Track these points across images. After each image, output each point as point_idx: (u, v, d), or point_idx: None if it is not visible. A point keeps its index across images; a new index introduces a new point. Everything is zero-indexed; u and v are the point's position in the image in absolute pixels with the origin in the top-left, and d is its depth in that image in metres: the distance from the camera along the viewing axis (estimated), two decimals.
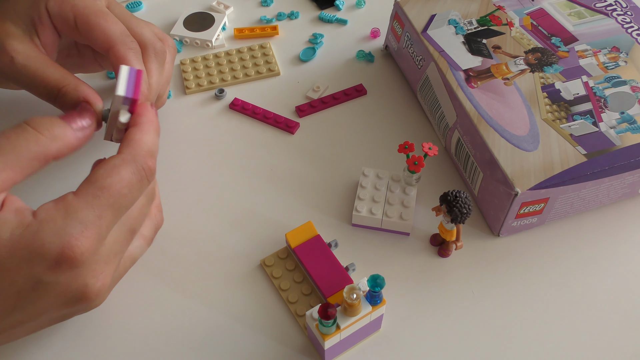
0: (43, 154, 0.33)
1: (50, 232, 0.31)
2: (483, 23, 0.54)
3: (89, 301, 0.35)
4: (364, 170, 0.48)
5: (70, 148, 0.35)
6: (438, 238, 0.46)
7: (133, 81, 0.36)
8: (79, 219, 0.32)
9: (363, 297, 0.38)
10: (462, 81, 0.49)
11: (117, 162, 0.34)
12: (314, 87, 0.58)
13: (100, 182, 0.33)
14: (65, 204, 0.32)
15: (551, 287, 0.44)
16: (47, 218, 0.32)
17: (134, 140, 0.36)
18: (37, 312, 0.34)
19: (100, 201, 0.33)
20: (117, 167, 0.34)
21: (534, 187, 0.42)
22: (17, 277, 0.31)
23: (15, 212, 0.32)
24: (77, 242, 0.31)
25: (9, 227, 0.31)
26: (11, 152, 0.32)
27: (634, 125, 0.46)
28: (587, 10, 0.55)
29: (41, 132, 0.33)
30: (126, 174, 0.34)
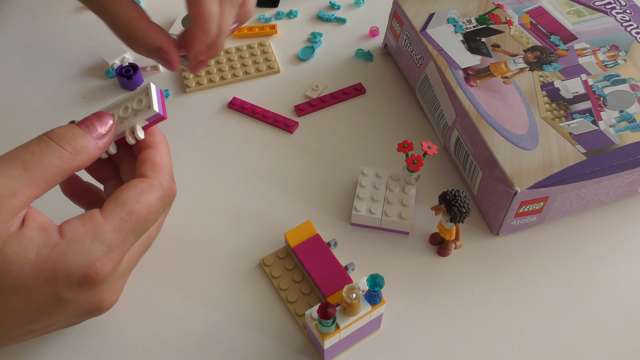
0: (66, 169, 0.33)
1: (77, 255, 0.31)
2: (482, 21, 0.54)
3: (101, 313, 0.36)
4: (363, 170, 0.48)
5: (91, 159, 0.35)
6: (437, 237, 0.46)
7: (160, 99, 0.37)
8: (106, 243, 0.32)
9: (362, 297, 0.38)
10: (461, 80, 0.49)
11: (146, 187, 0.35)
12: (313, 86, 0.57)
13: (129, 207, 0.33)
14: (93, 225, 0.32)
15: (551, 286, 0.44)
16: (75, 239, 0.32)
17: (157, 164, 0.36)
18: (52, 323, 0.35)
19: (127, 226, 0.33)
20: (146, 193, 0.34)
21: (533, 186, 0.42)
22: (39, 295, 0.32)
23: (39, 229, 0.32)
24: (101, 265, 0.32)
25: (34, 247, 0.31)
26: (37, 169, 0.32)
27: (633, 124, 0.46)
28: (586, 9, 0.55)
29: (64, 147, 0.33)
30: (154, 200, 0.35)
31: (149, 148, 0.37)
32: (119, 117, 0.37)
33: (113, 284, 0.35)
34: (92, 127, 0.35)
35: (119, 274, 0.36)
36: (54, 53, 0.62)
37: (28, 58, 0.62)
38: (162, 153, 0.37)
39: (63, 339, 0.41)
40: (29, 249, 0.31)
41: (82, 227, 0.32)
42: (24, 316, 0.33)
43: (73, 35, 0.64)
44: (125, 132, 0.37)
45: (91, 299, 0.34)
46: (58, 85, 0.59)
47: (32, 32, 0.65)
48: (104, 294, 0.35)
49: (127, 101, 0.37)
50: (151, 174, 0.36)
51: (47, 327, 0.35)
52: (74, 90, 0.58)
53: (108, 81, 0.59)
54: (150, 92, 0.36)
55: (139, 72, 0.58)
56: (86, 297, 0.34)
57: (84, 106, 0.57)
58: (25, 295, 0.31)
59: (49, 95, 0.58)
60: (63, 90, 0.58)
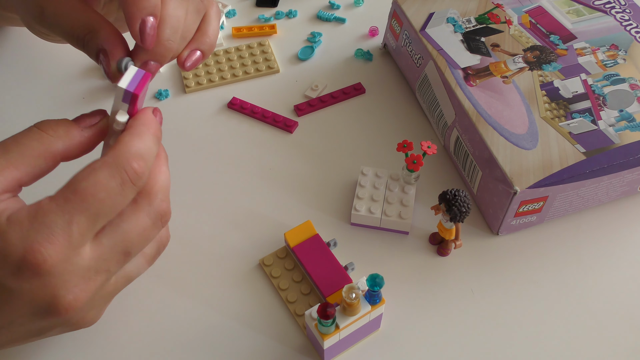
0: (47, 151, 0.32)
1: (15, 236, 0.30)
2: (481, 21, 0.54)
3: (60, 314, 0.32)
4: (362, 169, 0.48)
5: (77, 146, 0.34)
6: (437, 237, 0.46)
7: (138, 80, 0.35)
8: (46, 224, 0.30)
9: (362, 297, 0.38)
10: (461, 79, 0.49)
11: (97, 165, 0.32)
12: (312, 86, 0.57)
13: (74, 185, 0.31)
14: (37, 207, 0.30)
15: (550, 286, 0.44)
16: (16, 220, 0.30)
17: (120, 143, 0.33)
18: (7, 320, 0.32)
19: (72, 205, 0.30)
20: (95, 170, 0.31)
21: (533, 186, 0.42)
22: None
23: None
24: (41, 248, 0.29)
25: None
26: (15, 150, 0.32)
27: (632, 123, 0.46)
28: (585, 8, 0.55)
29: (44, 130, 0.33)
30: (103, 177, 0.31)
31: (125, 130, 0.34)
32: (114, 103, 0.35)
33: (69, 278, 0.31)
34: (81, 119, 0.35)
35: (77, 269, 0.31)
36: (53, 53, 0.62)
37: (28, 58, 0.62)
38: (134, 134, 0.33)
39: (61, 338, 0.41)
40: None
41: (26, 210, 0.30)
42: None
43: None
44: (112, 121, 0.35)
45: (40, 291, 0.31)
46: (58, 85, 0.59)
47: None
48: (56, 289, 0.31)
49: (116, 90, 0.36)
50: (109, 151, 0.32)
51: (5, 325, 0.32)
52: (74, 90, 0.58)
53: (108, 81, 0.59)
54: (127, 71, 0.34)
55: None
56: (33, 288, 0.30)
57: (83, 106, 0.57)
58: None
59: (49, 95, 0.58)
60: (63, 90, 0.58)
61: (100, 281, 0.33)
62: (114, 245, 0.33)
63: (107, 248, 0.33)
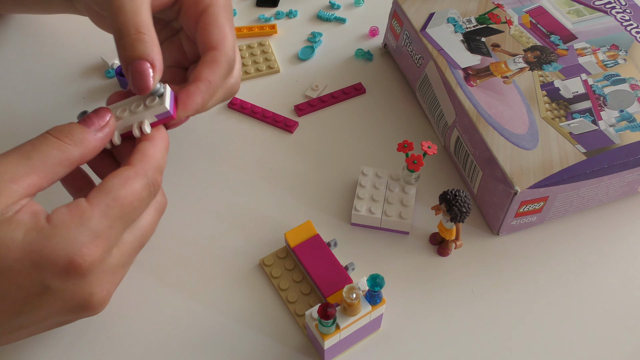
0: (67, 159, 0.34)
1: (62, 239, 0.31)
2: (482, 21, 0.54)
3: (93, 310, 0.35)
4: (363, 169, 0.48)
5: (92, 150, 0.36)
6: (437, 237, 0.46)
7: (173, 100, 0.38)
8: (91, 228, 0.32)
9: (362, 297, 0.38)
10: (461, 80, 0.49)
11: (131, 174, 0.35)
12: (312, 86, 0.57)
13: (114, 193, 0.33)
14: (79, 211, 0.32)
15: (551, 286, 0.44)
16: (61, 224, 0.32)
17: (146, 155, 0.36)
18: (41, 317, 0.34)
19: (113, 212, 0.33)
20: (131, 180, 0.34)
21: (533, 186, 0.42)
22: (25, 281, 0.32)
23: (31, 214, 0.32)
24: (88, 251, 0.32)
25: (22, 229, 0.31)
26: (36, 157, 0.33)
27: (633, 124, 0.46)
28: (586, 8, 0.55)
29: (62, 139, 0.34)
30: (138, 187, 0.34)
31: (145, 141, 0.37)
32: (130, 110, 0.38)
33: (103, 277, 0.34)
34: (90, 121, 0.36)
35: (109, 267, 0.35)
36: (53, 53, 0.62)
37: (28, 58, 0.62)
38: (155, 146, 0.37)
39: (61, 338, 0.41)
40: (17, 231, 0.31)
41: (68, 214, 0.32)
42: (10, 304, 0.32)
43: (73, 35, 0.64)
44: (133, 125, 0.38)
45: (80, 290, 0.33)
46: (58, 85, 0.59)
47: (32, 32, 0.65)
48: (93, 287, 0.34)
49: (141, 98, 0.38)
50: (138, 162, 0.36)
51: (38, 322, 0.35)
52: (74, 90, 0.58)
53: (108, 81, 0.59)
54: (165, 90, 0.37)
55: None
56: (74, 287, 0.33)
57: (83, 106, 0.57)
58: (11, 279, 0.31)
59: (49, 95, 0.58)
60: (63, 90, 0.58)
61: (122, 274, 0.37)
62: (134, 240, 0.37)
63: (129, 244, 0.36)
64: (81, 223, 0.32)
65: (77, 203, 0.33)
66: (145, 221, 0.37)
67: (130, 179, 0.34)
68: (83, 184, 0.40)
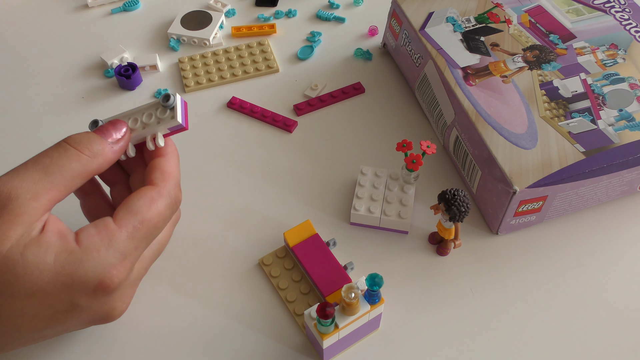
0: (85, 171, 0.35)
1: (94, 262, 0.33)
2: (481, 20, 0.54)
3: (112, 320, 0.37)
4: (362, 169, 0.48)
5: (109, 162, 0.36)
6: (436, 236, 0.46)
7: (184, 110, 0.39)
8: (120, 250, 0.34)
9: (361, 296, 0.38)
10: (460, 79, 0.49)
11: (155, 195, 0.36)
12: (312, 85, 0.57)
13: (141, 215, 0.35)
14: (108, 233, 0.34)
15: (550, 285, 0.44)
16: (91, 247, 0.33)
17: (166, 173, 0.37)
18: (64, 329, 0.35)
19: (139, 233, 0.35)
20: (156, 201, 0.36)
21: (532, 185, 0.42)
22: (55, 300, 0.32)
23: (58, 234, 0.33)
24: (117, 272, 0.33)
25: (53, 252, 0.32)
26: (56, 172, 0.33)
27: (632, 123, 0.45)
28: (585, 8, 0.55)
29: (81, 151, 0.35)
30: (163, 208, 0.36)
31: (160, 157, 0.38)
32: (142, 122, 0.38)
33: (125, 291, 0.36)
34: (108, 132, 0.37)
35: (130, 282, 0.37)
36: (53, 53, 0.62)
37: (27, 58, 0.62)
38: (172, 162, 0.38)
39: (63, 338, 0.41)
40: (48, 254, 0.32)
41: (98, 235, 0.33)
42: (39, 321, 0.33)
43: (72, 35, 0.64)
44: (146, 138, 0.38)
45: (105, 306, 0.35)
46: (57, 85, 0.59)
47: (32, 32, 0.65)
48: (116, 302, 0.36)
49: (150, 108, 0.38)
50: (160, 182, 0.37)
51: (58, 333, 0.36)
52: (73, 90, 0.58)
53: (107, 81, 0.59)
54: (175, 103, 0.38)
55: (138, 72, 0.58)
56: (100, 304, 0.34)
57: (83, 106, 0.57)
58: (42, 300, 0.32)
59: (49, 95, 0.58)
60: (62, 90, 0.58)
61: (138, 285, 0.39)
62: (152, 255, 0.39)
63: (147, 259, 0.38)
64: (110, 245, 0.33)
65: (105, 224, 0.34)
66: (162, 235, 0.39)
67: (155, 200, 0.36)
68: (92, 188, 0.41)
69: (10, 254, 0.31)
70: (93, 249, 0.33)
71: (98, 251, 0.33)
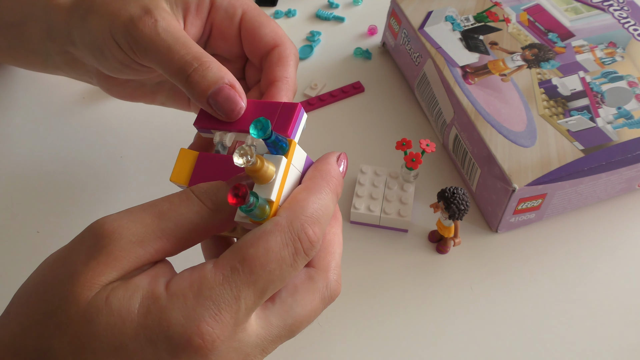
0: (203, 227, 0.28)
1: (179, 311, 0.25)
2: (480, 19, 0.54)
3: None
4: (361, 168, 0.48)
5: (231, 220, 0.29)
6: (436, 234, 0.46)
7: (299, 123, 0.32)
8: (213, 298, 0.26)
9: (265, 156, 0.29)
10: (460, 78, 0.49)
11: (268, 228, 0.27)
12: (311, 84, 0.58)
13: (242, 253, 0.27)
14: (200, 276, 0.26)
15: (549, 283, 0.44)
16: (178, 293, 0.26)
17: (295, 201, 0.29)
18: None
19: (240, 277, 0.26)
20: (266, 235, 0.27)
21: (531, 183, 0.43)
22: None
23: (150, 277, 0.27)
24: (209, 328, 0.26)
25: (139, 296, 0.26)
26: (171, 220, 0.28)
27: (631, 121, 0.46)
28: (583, 6, 0.55)
29: (205, 204, 0.29)
30: (276, 245, 0.27)
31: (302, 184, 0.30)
32: None
33: (232, 357, 0.27)
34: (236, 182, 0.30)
35: (243, 346, 0.27)
36: None
37: None
38: (311, 191, 0.29)
39: None
40: (134, 299, 0.26)
41: (188, 279, 0.26)
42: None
43: None
44: None
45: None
46: (57, 85, 0.59)
47: None
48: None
49: None
50: (282, 211, 0.28)
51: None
52: (73, 90, 0.58)
53: None
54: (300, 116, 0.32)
55: None
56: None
57: (83, 106, 0.57)
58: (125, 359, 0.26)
59: (48, 95, 0.58)
60: (62, 90, 0.58)
61: (260, 358, 0.29)
62: (283, 327, 0.29)
63: (275, 329, 0.29)
64: (200, 292, 0.26)
65: (202, 266, 0.27)
66: (303, 307, 0.30)
67: (265, 233, 0.27)
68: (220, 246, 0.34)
69: (95, 300, 0.25)
70: (180, 295, 0.26)
71: (185, 298, 0.26)
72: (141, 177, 0.51)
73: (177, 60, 0.34)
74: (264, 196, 0.28)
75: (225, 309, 0.26)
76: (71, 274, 0.26)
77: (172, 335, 0.25)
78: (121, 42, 0.36)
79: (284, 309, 0.29)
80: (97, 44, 0.38)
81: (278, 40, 0.39)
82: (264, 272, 0.26)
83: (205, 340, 0.25)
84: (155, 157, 0.53)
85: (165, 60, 0.35)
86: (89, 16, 0.38)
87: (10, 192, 0.50)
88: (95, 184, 0.51)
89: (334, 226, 0.32)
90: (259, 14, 0.40)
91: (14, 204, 0.50)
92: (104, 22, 0.37)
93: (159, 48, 0.35)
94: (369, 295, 0.44)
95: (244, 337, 0.27)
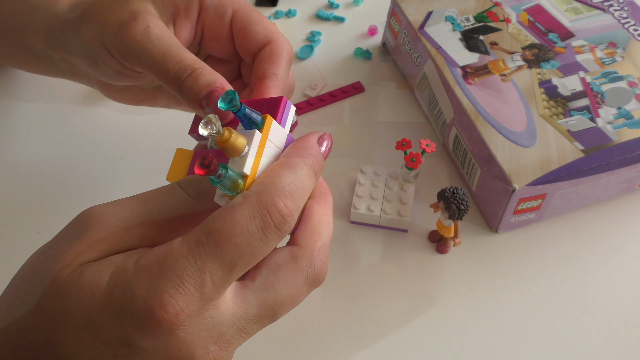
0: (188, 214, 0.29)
1: (142, 283, 0.25)
2: (480, 19, 0.54)
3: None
4: (361, 168, 0.48)
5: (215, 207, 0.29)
6: (436, 234, 0.46)
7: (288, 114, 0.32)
8: (175, 270, 0.25)
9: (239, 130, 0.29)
10: (460, 78, 0.49)
11: (236, 202, 0.26)
12: (311, 84, 0.58)
13: (209, 227, 0.26)
14: (167, 250, 0.26)
15: (549, 283, 0.44)
16: (144, 265, 0.25)
17: (267, 175, 0.28)
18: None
19: (204, 250, 0.25)
20: (233, 208, 0.26)
21: (531, 183, 0.43)
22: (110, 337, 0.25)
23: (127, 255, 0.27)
24: (172, 300, 0.25)
25: (109, 271, 0.26)
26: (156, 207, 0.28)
27: (631, 121, 0.46)
28: (583, 6, 0.55)
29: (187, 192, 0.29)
30: (242, 218, 0.26)
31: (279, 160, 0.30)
32: None
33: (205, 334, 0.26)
34: None
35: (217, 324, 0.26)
36: None
37: None
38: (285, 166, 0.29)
39: None
40: (105, 273, 0.26)
41: (155, 253, 0.26)
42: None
43: None
44: None
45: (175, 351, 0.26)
46: (57, 86, 0.59)
47: None
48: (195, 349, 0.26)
49: None
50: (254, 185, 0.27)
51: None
52: (74, 91, 0.58)
53: None
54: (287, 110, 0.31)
55: None
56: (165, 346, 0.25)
57: (83, 106, 0.57)
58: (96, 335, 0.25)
59: (48, 96, 0.58)
60: (63, 91, 0.58)
61: (240, 343, 0.28)
62: (264, 306, 0.28)
63: (254, 308, 0.28)
64: (164, 265, 0.25)
65: (171, 241, 0.26)
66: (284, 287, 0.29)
67: (233, 207, 0.26)
68: None
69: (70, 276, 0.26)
70: (145, 268, 0.25)
71: (150, 271, 0.25)
72: (141, 177, 0.51)
73: (171, 69, 0.34)
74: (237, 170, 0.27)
75: (188, 281, 0.25)
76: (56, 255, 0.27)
77: (135, 307, 0.25)
78: (112, 49, 0.37)
79: (263, 287, 0.28)
80: (89, 53, 0.38)
81: (270, 37, 0.39)
82: (229, 245, 0.25)
83: (167, 312, 0.25)
84: (155, 157, 0.53)
85: (158, 68, 0.35)
86: (81, 25, 0.39)
87: (10, 192, 0.50)
88: (96, 183, 0.51)
89: (324, 206, 0.32)
90: (250, 12, 0.40)
91: (14, 204, 0.50)
92: (95, 31, 0.37)
93: (152, 56, 0.35)
94: (369, 295, 0.44)
95: (216, 315, 0.26)
